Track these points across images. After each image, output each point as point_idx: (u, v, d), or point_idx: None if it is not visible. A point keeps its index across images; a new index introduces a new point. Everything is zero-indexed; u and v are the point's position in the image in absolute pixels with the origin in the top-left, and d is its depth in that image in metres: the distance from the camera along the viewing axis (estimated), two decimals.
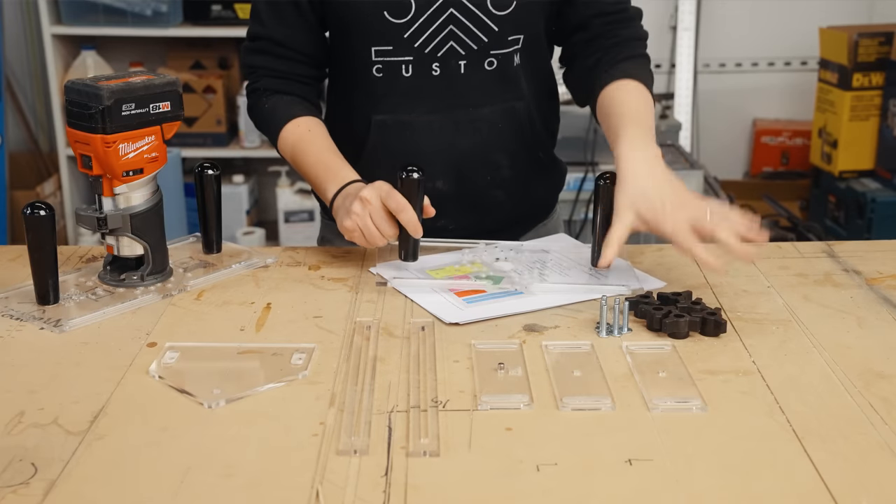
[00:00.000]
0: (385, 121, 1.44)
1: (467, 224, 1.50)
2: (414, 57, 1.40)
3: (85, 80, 1.22)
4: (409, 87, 1.42)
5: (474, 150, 1.46)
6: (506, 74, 1.44)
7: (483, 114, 1.45)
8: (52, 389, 1.03)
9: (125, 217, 1.26)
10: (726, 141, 3.87)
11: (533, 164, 1.54)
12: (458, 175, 1.47)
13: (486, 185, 1.49)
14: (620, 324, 1.17)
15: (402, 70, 1.41)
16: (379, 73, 1.42)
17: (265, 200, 3.86)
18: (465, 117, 1.45)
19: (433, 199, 1.44)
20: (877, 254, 1.44)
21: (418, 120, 1.44)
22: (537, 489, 0.86)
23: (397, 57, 1.40)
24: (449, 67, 1.41)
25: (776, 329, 1.18)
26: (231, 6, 3.39)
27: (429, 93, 1.43)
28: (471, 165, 1.47)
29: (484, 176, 1.49)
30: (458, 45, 1.40)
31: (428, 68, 1.41)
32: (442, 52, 1.40)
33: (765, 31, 3.78)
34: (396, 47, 1.39)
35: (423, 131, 1.44)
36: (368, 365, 1.08)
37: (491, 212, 1.52)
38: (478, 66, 1.42)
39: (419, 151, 1.44)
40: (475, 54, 1.41)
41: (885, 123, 3.36)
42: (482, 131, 1.46)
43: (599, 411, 0.99)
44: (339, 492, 0.85)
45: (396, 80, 1.42)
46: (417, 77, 1.42)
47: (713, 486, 0.86)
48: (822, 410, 0.99)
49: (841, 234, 3.40)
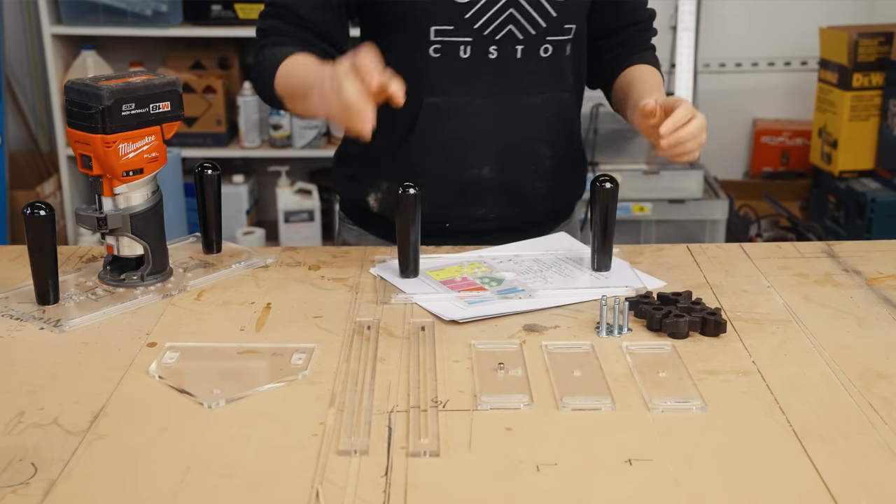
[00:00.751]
0: (437, 104, 1.43)
1: (507, 215, 1.50)
2: (473, 38, 1.40)
3: (85, 80, 1.22)
4: (464, 70, 1.42)
5: (522, 138, 1.47)
6: (557, 64, 1.46)
7: (534, 102, 1.46)
8: (52, 389, 1.03)
9: (125, 217, 1.26)
10: (726, 141, 3.87)
11: (572, 156, 1.55)
12: (503, 163, 1.47)
13: (529, 176, 1.49)
14: (620, 324, 1.17)
15: (461, 51, 1.41)
16: (436, 53, 1.41)
17: (265, 200, 3.86)
18: (516, 104, 1.45)
19: (476, 186, 1.46)
20: (877, 254, 1.44)
21: (470, 104, 1.43)
22: (537, 489, 0.86)
23: (457, 37, 1.40)
24: (506, 51, 1.41)
25: (776, 329, 1.18)
26: (231, 6, 3.39)
27: (484, 76, 1.43)
28: (516, 154, 1.47)
29: (528, 166, 1.49)
30: (517, 28, 1.40)
31: (485, 51, 1.41)
32: (501, 35, 1.40)
33: (765, 31, 3.78)
34: (457, 27, 1.39)
35: (473, 116, 1.44)
36: (368, 365, 1.08)
37: (531, 204, 1.51)
38: (533, 53, 1.43)
39: (467, 137, 1.44)
40: (532, 39, 1.42)
41: (885, 123, 3.36)
42: (531, 120, 1.47)
43: (599, 411, 0.99)
44: (339, 492, 0.85)
45: (453, 62, 1.41)
46: (474, 59, 1.41)
47: (713, 486, 0.86)
48: (822, 410, 0.99)
49: (841, 234, 3.40)
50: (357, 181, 1.55)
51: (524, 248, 1.45)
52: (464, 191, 1.46)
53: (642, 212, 3.01)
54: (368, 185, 1.52)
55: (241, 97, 3.49)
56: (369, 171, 1.52)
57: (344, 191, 1.59)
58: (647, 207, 3.01)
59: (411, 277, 1.32)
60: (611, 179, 1.34)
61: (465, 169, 1.45)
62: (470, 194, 1.47)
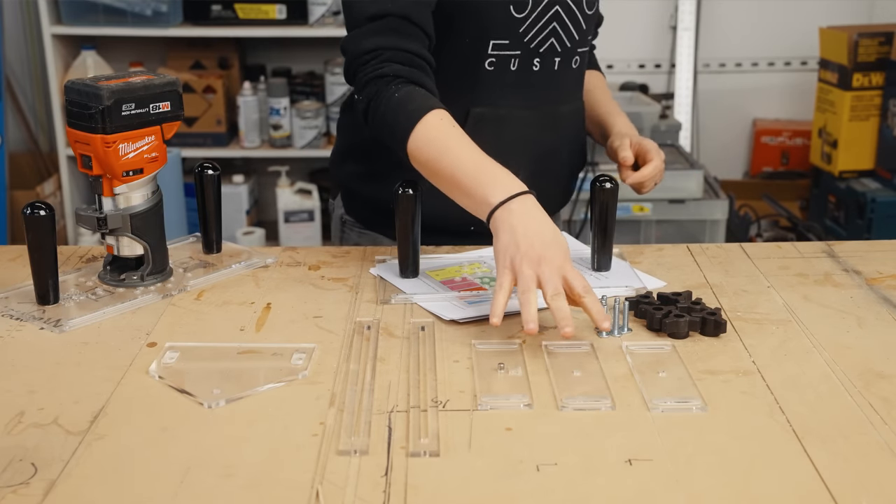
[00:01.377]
0: (483, 114, 1.44)
1: None
2: (522, 51, 1.42)
3: (85, 80, 1.22)
4: (512, 81, 1.44)
5: (551, 145, 1.50)
6: (580, 74, 1.52)
7: (563, 111, 1.51)
8: (52, 389, 1.03)
9: (125, 217, 1.26)
10: (726, 141, 3.87)
11: (580, 158, 1.60)
12: (533, 168, 1.47)
13: (550, 180, 1.52)
14: (620, 324, 1.17)
15: (511, 64, 1.43)
16: (491, 66, 1.42)
17: (265, 200, 3.86)
18: (549, 114, 1.49)
19: None
20: (877, 254, 1.44)
21: (512, 114, 1.46)
22: (537, 489, 0.86)
23: (510, 51, 1.42)
24: (547, 63, 1.45)
25: (776, 329, 1.18)
26: (231, 6, 3.39)
27: (526, 87, 1.45)
28: (545, 160, 1.50)
29: (553, 171, 1.52)
30: (557, 41, 1.44)
31: (530, 63, 1.43)
32: (544, 48, 1.43)
33: (765, 31, 3.78)
34: (512, 41, 1.41)
35: (513, 125, 1.46)
36: (368, 365, 1.08)
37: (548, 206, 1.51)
38: (567, 64, 1.47)
39: (508, 145, 1.45)
40: (567, 52, 1.46)
41: (885, 123, 3.36)
42: (561, 127, 1.51)
43: (599, 411, 0.99)
44: (339, 492, 0.85)
45: (504, 74, 1.43)
46: (521, 71, 1.44)
47: (713, 486, 0.86)
48: (822, 410, 0.99)
49: (841, 234, 3.40)
50: (379, 178, 1.49)
51: None
52: None
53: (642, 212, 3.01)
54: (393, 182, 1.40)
55: (241, 97, 3.49)
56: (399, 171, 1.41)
57: (359, 188, 1.54)
58: (647, 207, 3.01)
59: (411, 277, 1.32)
60: (611, 179, 1.34)
61: None
62: None
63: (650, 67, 3.79)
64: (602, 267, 1.35)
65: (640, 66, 3.78)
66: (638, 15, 3.71)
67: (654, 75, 3.79)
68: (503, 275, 1.14)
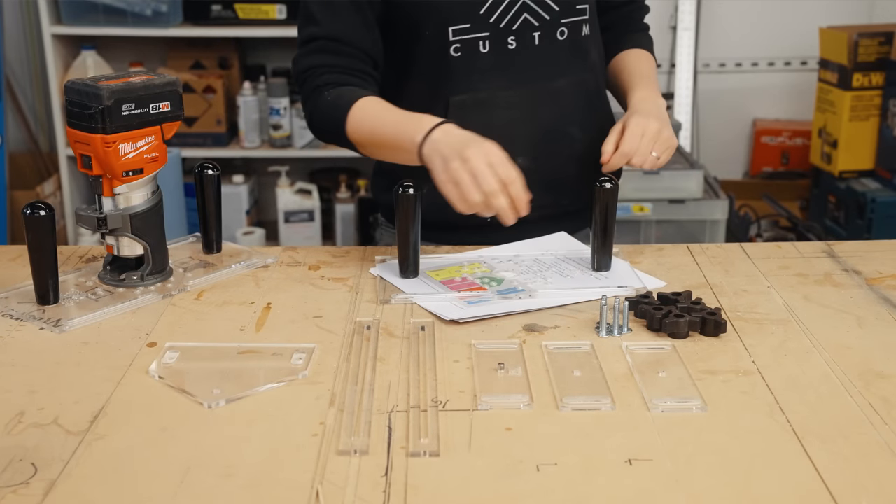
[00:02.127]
0: (464, 101, 1.44)
1: (546, 203, 1.48)
2: (490, 32, 1.41)
3: (85, 80, 1.22)
4: (486, 64, 1.43)
5: (552, 124, 1.48)
6: (576, 45, 1.48)
7: (558, 86, 1.48)
8: (52, 389, 1.03)
9: (125, 217, 1.26)
10: (726, 141, 3.87)
11: (602, 138, 1.54)
12: (536, 151, 1.47)
13: (563, 161, 1.50)
14: (620, 324, 1.17)
15: (480, 46, 1.42)
16: (457, 52, 1.42)
17: (265, 200, 3.86)
18: (541, 91, 1.47)
19: None
20: (877, 254, 1.44)
21: (496, 96, 1.45)
22: (537, 489, 0.86)
23: (475, 34, 1.41)
24: (524, 40, 1.43)
25: (776, 329, 1.18)
26: (231, 6, 3.39)
27: (506, 68, 1.44)
28: (549, 139, 1.48)
29: (562, 150, 1.50)
30: (531, 15, 1.42)
31: (504, 43, 1.42)
32: (517, 25, 1.42)
33: (765, 31, 3.78)
34: (473, 24, 1.41)
35: (501, 108, 1.45)
36: (368, 365, 1.08)
37: (567, 189, 1.52)
38: (551, 37, 1.45)
39: (498, 128, 1.43)
40: (548, 25, 1.44)
41: (885, 123, 3.36)
42: (558, 105, 1.48)
43: (599, 411, 0.99)
44: (339, 492, 0.85)
45: (474, 58, 1.43)
46: (494, 53, 1.43)
47: (713, 486, 0.86)
48: (822, 410, 0.99)
49: (841, 234, 3.40)
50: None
51: (524, 248, 1.45)
52: None
53: (642, 212, 3.01)
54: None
55: (241, 97, 3.49)
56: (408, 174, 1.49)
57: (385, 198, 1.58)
58: (647, 207, 3.00)
59: (411, 277, 1.32)
60: (611, 179, 1.34)
61: None
62: None
63: None
64: (602, 267, 1.35)
65: None
66: None
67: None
68: (450, 193, 1.25)
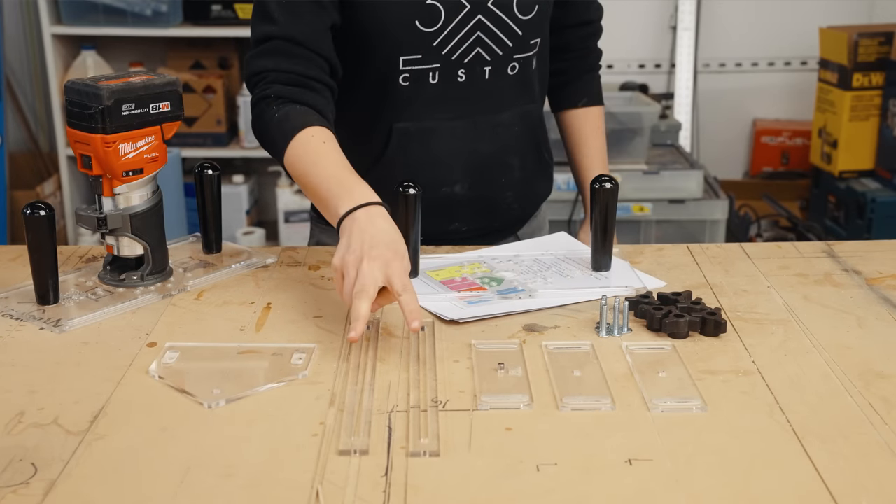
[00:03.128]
0: (408, 128, 1.43)
1: (479, 226, 1.51)
2: (441, 64, 1.40)
3: (85, 80, 1.22)
4: (434, 95, 1.42)
5: (492, 153, 1.48)
6: (525, 79, 1.47)
7: (502, 118, 1.47)
8: (52, 389, 1.03)
9: (125, 217, 1.26)
10: (726, 141, 3.87)
11: (538, 163, 1.56)
12: (473, 179, 1.48)
13: (498, 188, 1.50)
14: (620, 324, 1.17)
15: (430, 77, 1.41)
16: (405, 81, 1.41)
17: (265, 200, 3.86)
18: (485, 122, 1.46)
19: (450, 203, 1.47)
20: (877, 254, 1.44)
21: (440, 126, 1.44)
22: (537, 489, 0.86)
23: (425, 65, 1.40)
24: (474, 73, 1.42)
25: (776, 329, 1.18)
26: (231, 6, 3.39)
27: (453, 99, 1.43)
28: (487, 169, 1.48)
29: (499, 178, 1.50)
30: (485, 50, 1.41)
31: (454, 75, 1.41)
32: (469, 59, 1.41)
33: (765, 31, 3.78)
34: (425, 55, 1.39)
35: (444, 137, 1.44)
36: (368, 365, 1.08)
37: (501, 213, 1.53)
38: (501, 72, 1.44)
39: (439, 157, 1.45)
40: (500, 60, 1.42)
41: (885, 123, 3.36)
42: (501, 135, 1.48)
43: (599, 411, 0.99)
44: (339, 492, 0.85)
45: (423, 88, 1.41)
46: (443, 84, 1.41)
47: (713, 486, 0.86)
48: (822, 410, 0.99)
49: (841, 234, 3.40)
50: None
51: (524, 248, 1.45)
52: (437, 208, 1.46)
53: (642, 212, 3.01)
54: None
55: (241, 97, 3.49)
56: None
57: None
58: (647, 207, 3.00)
59: (411, 277, 1.31)
60: (611, 179, 1.34)
61: (438, 187, 1.46)
62: (443, 211, 1.48)
63: (650, 67, 3.79)
64: (602, 267, 1.35)
65: (640, 66, 3.78)
66: (638, 15, 3.71)
67: (654, 75, 3.79)
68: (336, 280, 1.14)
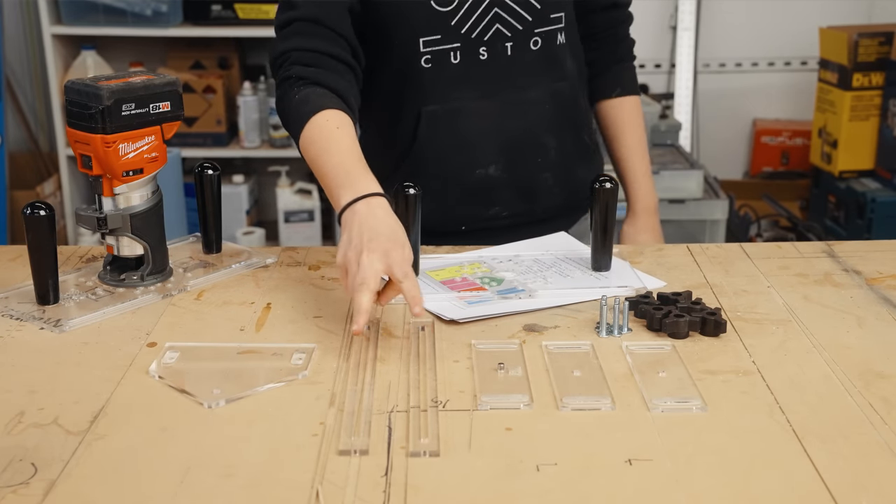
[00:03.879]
0: (436, 111, 1.44)
1: (519, 211, 1.50)
2: (462, 43, 1.41)
3: (85, 80, 1.22)
4: (457, 74, 1.42)
5: (523, 133, 1.47)
6: (551, 54, 1.46)
7: (531, 96, 1.47)
8: (52, 389, 1.03)
9: (125, 217, 1.26)
10: (726, 141, 3.87)
11: (578, 145, 1.55)
12: (508, 159, 1.47)
13: (535, 169, 1.50)
14: (620, 324, 1.17)
15: (451, 58, 1.41)
16: (427, 63, 1.41)
17: (265, 200, 3.86)
18: (513, 100, 1.46)
19: (485, 185, 1.46)
20: (877, 254, 1.44)
21: (468, 106, 1.44)
22: (537, 489, 0.86)
23: (445, 45, 1.40)
24: (496, 50, 1.42)
25: (776, 329, 1.18)
26: (231, 6, 3.39)
27: (477, 78, 1.43)
28: (520, 149, 1.48)
29: (534, 159, 1.49)
30: (504, 26, 1.41)
31: (475, 53, 1.42)
32: (489, 36, 1.41)
33: (765, 31, 3.78)
34: (444, 35, 1.40)
35: (472, 117, 1.45)
36: (368, 365, 1.08)
37: (541, 197, 1.52)
38: (524, 47, 1.44)
39: (469, 138, 1.44)
40: (520, 35, 1.42)
41: (885, 123, 3.36)
42: (530, 114, 1.47)
43: (599, 411, 0.99)
44: (339, 492, 0.85)
45: (445, 69, 1.42)
46: (466, 63, 1.42)
47: (713, 486, 0.86)
48: (822, 410, 0.99)
49: (841, 234, 3.40)
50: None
51: (524, 248, 1.45)
52: (474, 192, 1.47)
53: None
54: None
55: (241, 97, 3.49)
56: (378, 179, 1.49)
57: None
58: None
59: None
60: (611, 179, 1.34)
61: (472, 170, 1.46)
62: (480, 194, 1.48)
63: (650, 67, 3.79)
64: (602, 267, 1.34)
65: (640, 66, 3.76)
66: (638, 15, 3.69)
67: (654, 75, 3.79)
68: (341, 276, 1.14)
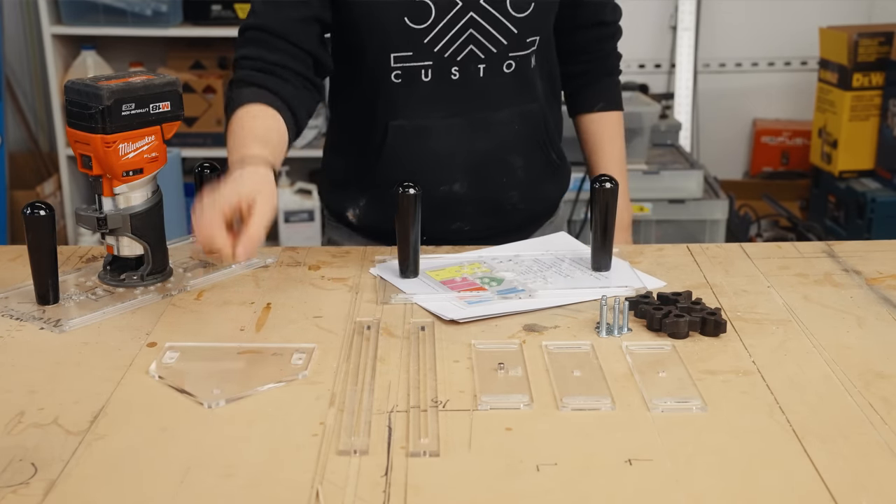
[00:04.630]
0: (403, 126, 1.43)
1: (482, 226, 1.51)
2: (434, 62, 1.40)
3: (85, 80, 1.22)
4: (428, 92, 1.42)
5: (491, 152, 1.47)
6: (523, 77, 1.46)
7: (500, 117, 1.46)
8: (52, 389, 1.03)
9: (125, 217, 1.26)
10: (726, 141, 3.88)
11: (545, 164, 1.55)
12: (474, 177, 1.48)
13: (501, 187, 1.50)
14: (620, 324, 1.17)
15: (422, 75, 1.41)
16: (398, 79, 1.41)
17: None
18: (482, 120, 1.45)
19: (450, 202, 1.47)
20: (877, 254, 1.44)
21: (436, 124, 1.44)
22: (537, 489, 0.86)
23: (417, 62, 1.40)
24: (468, 71, 1.42)
25: (776, 329, 1.18)
26: (231, 6, 3.39)
27: (448, 97, 1.43)
28: (487, 168, 1.48)
29: (500, 178, 1.50)
30: (478, 48, 1.40)
31: (447, 73, 1.41)
32: (462, 56, 1.40)
33: (765, 31, 3.78)
34: (416, 53, 1.39)
35: (440, 135, 1.44)
36: (368, 365, 1.08)
37: (506, 213, 1.53)
38: (496, 70, 1.43)
39: (437, 155, 1.45)
40: (494, 57, 1.42)
41: (885, 123, 3.36)
42: (499, 134, 1.47)
43: (599, 411, 0.99)
44: (339, 492, 0.85)
45: (416, 86, 1.41)
46: (437, 82, 1.41)
47: (713, 486, 0.86)
48: (822, 410, 0.99)
49: (841, 234, 3.40)
50: (338, 193, 1.57)
51: (524, 248, 1.45)
52: (438, 207, 1.46)
53: (642, 212, 3.01)
54: (348, 199, 1.55)
55: None
56: (349, 186, 1.55)
57: (326, 198, 1.63)
58: (647, 207, 3.01)
59: (411, 277, 1.32)
60: (611, 179, 1.34)
61: (436, 186, 1.46)
62: (444, 209, 1.48)
63: (650, 67, 3.79)
64: (602, 267, 1.34)
65: (640, 66, 3.79)
66: (638, 15, 3.71)
67: (654, 75, 3.79)
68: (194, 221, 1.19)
